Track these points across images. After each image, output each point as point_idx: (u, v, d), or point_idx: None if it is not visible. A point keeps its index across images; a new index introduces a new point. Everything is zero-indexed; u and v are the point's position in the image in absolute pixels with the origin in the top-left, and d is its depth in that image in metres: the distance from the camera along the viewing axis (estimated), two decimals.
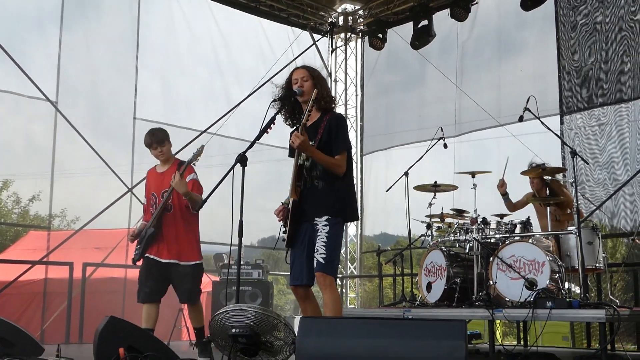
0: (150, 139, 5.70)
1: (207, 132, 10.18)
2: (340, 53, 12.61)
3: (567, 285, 6.01)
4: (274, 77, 9.93)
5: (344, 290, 11.73)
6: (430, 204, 7.25)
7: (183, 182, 5.43)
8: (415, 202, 7.52)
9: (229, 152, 9.81)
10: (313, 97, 4.16)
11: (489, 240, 6.44)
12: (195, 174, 5.67)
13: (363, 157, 12.10)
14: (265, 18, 11.45)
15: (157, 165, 5.87)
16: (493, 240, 6.44)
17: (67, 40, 9.33)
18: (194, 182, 5.62)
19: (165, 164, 5.79)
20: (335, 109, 4.54)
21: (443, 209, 7.25)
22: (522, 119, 6.22)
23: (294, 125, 4.45)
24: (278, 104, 4.44)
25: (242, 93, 10.65)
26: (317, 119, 4.37)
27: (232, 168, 4.08)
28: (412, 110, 11.20)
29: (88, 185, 9.71)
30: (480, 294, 6.11)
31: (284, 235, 4.32)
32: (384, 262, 8.69)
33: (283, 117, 4.48)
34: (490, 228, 6.49)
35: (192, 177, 5.61)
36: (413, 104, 11.24)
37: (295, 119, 4.44)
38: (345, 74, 12.56)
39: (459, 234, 6.63)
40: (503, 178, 7.19)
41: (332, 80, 12.19)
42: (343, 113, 11.95)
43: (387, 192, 7.80)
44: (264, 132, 4.22)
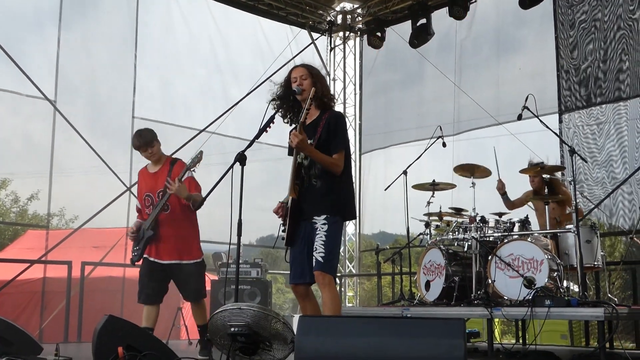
0: (139, 142, 5.55)
1: (205, 130, 10.17)
2: (339, 52, 12.59)
3: (565, 284, 6.02)
4: (273, 75, 9.93)
5: (343, 289, 11.73)
6: (429, 203, 7.26)
7: (182, 186, 5.33)
8: (414, 200, 7.53)
9: (228, 151, 9.81)
10: (311, 95, 4.14)
11: (488, 239, 6.44)
12: (191, 172, 5.52)
13: (361, 155, 12.08)
14: (264, 17, 11.44)
15: (148, 165, 5.73)
16: (492, 239, 6.44)
17: (65, 39, 9.32)
18: (191, 180, 5.51)
19: (157, 164, 5.65)
20: (334, 107, 4.52)
21: (441, 208, 7.26)
22: (520, 118, 6.22)
23: (294, 124, 4.44)
24: (277, 103, 4.43)
25: (240, 92, 10.65)
26: (316, 117, 4.36)
27: (231, 167, 4.07)
28: (410, 109, 11.19)
29: (87, 184, 9.69)
30: (479, 293, 6.12)
31: (283, 234, 4.31)
32: (383, 260, 8.70)
33: (282, 115, 4.46)
34: (489, 226, 6.49)
35: (187, 174, 5.47)
36: (412, 103, 11.23)
37: (295, 118, 4.42)
38: (344, 73, 12.55)
39: (458, 233, 6.64)
40: (500, 178, 7.21)
41: (330, 79, 12.17)
42: (341, 112, 11.94)
43: (385, 190, 7.81)
44: (263, 131, 4.21)
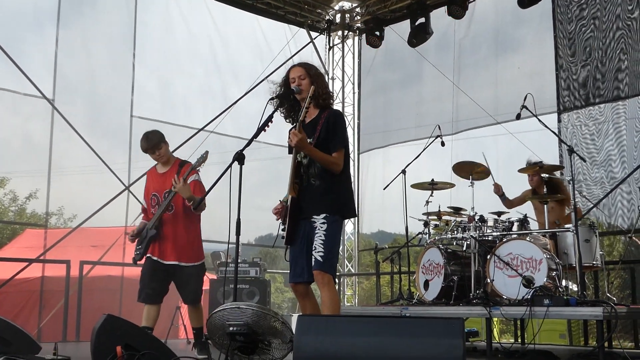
0: (146, 145, 5.62)
1: (204, 130, 10.17)
2: (338, 51, 12.59)
3: (564, 283, 6.02)
4: (272, 75, 9.93)
5: (341, 288, 11.73)
6: (428, 202, 7.25)
7: (186, 186, 5.40)
8: (413, 200, 7.53)
9: (226, 150, 9.78)
10: (310, 94, 4.14)
11: (487, 238, 6.44)
12: (198, 175, 5.60)
13: (360, 155, 12.09)
14: (263, 16, 11.43)
15: (157, 166, 5.79)
16: (490, 238, 6.44)
17: (64, 38, 9.31)
18: (196, 183, 5.56)
19: (166, 165, 5.71)
20: (333, 105, 4.52)
21: (440, 207, 7.25)
22: (519, 117, 6.22)
23: (293, 123, 4.44)
24: (276, 102, 4.42)
25: (239, 91, 10.65)
26: (315, 116, 4.35)
27: (229, 166, 4.06)
28: (409, 108, 11.19)
29: (85, 183, 9.70)
30: (478, 292, 6.12)
31: (283, 233, 4.31)
32: (382, 260, 8.69)
33: (282, 114, 4.46)
34: (488, 226, 6.49)
35: (194, 178, 5.55)
36: (410, 102, 11.23)
37: (295, 117, 4.43)
38: (343, 72, 12.55)
39: (457, 232, 6.63)
40: (496, 182, 7.22)
41: (329, 78, 12.17)
42: (340, 110, 11.93)
43: (384, 190, 7.80)
44: (262, 130, 4.20)
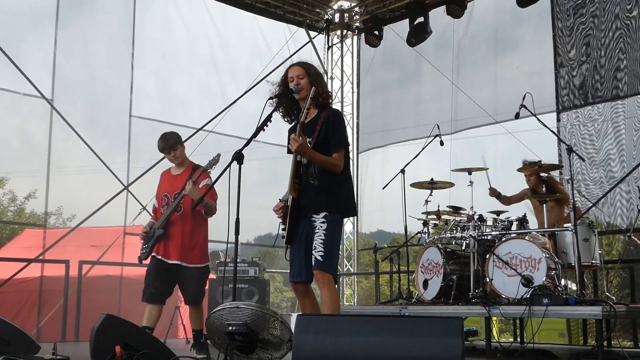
0: (163, 144, 5.70)
1: (203, 129, 10.17)
2: (336, 50, 12.60)
3: (563, 282, 6.03)
4: (270, 74, 9.92)
5: (341, 288, 11.73)
6: (427, 201, 7.26)
7: (197, 188, 5.42)
8: (412, 199, 7.54)
9: (226, 149, 9.74)
10: (311, 95, 4.12)
11: (486, 237, 6.44)
12: (210, 179, 5.61)
13: (359, 154, 12.08)
14: (261, 15, 11.43)
15: (171, 168, 5.85)
16: (489, 237, 6.45)
17: (63, 38, 9.31)
18: (207, 187, 5.52)
19: (180, 167, 5.77)
20: (332, 105, 4.52)
21: (439, 206, 7.26)
22: (518, 116, 6.22)
23: (292, 122, 4.44)
24: (275, 102, 4.42)
25: (238, 90, 10.64)
26: (314, 116, 4.34)
27: (228, 166, 4.06)
28: (408, 108, 11.19)
29: (84, 183, 9.69)
30: (477, 291, 6.13)
31: (283, 233, 4.30)
32: (381, 259, 8.70)
33: (281, 114, 4.46)
34: (487, 225, 6.50)
35: (205, 182, 5.56)
36: (409, 101, 11.23)
37: (293, 116, 4.43)
38: (342, 71, 12.56)
39: (456, 231, 6.65)
40: (491, 187, 7.24)
41: (328, 78, 12.18)
42: (339, 109, 11.94)
43: (383, 189, 7.80)
44: (261, 129, 4.19)
